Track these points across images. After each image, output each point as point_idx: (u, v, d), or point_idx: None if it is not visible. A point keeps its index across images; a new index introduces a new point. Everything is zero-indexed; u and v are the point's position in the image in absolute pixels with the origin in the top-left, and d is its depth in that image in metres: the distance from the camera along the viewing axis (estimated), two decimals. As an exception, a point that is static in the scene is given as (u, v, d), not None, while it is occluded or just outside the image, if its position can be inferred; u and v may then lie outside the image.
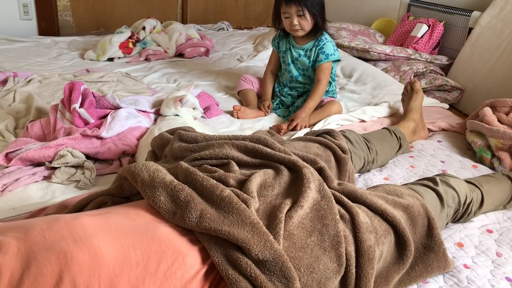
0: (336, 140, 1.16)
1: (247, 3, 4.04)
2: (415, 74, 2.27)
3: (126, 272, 0.59)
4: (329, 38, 1.73)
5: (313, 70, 1.76)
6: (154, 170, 0.77)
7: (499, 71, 2.10)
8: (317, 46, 1.71)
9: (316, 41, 1.72)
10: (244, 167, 0.91)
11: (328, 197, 0.82)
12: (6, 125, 1.42)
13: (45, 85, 1.84)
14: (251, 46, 2.85)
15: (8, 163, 1.19)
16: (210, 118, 1.67)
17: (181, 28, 2.68)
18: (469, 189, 1.07)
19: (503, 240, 1.06)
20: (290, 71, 1.80)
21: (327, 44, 1.71)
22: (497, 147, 1.42)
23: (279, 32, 1.81)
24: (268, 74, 1.89)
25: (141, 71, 2.24)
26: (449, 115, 1.87)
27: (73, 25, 3.28)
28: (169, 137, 1.04)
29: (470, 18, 2.35)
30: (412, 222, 0.90)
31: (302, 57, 1.75)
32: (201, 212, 0.70)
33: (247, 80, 1.90)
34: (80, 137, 1.28)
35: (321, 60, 1.70)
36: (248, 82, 1.89)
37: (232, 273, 0.66)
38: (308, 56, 1.74)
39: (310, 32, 1.70)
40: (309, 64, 1.75)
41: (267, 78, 1.88)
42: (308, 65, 1.76)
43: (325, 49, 1.70)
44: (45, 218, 0.65)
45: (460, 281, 0.91)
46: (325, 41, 1.71)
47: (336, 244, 0.75)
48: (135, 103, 1.53)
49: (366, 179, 1.29)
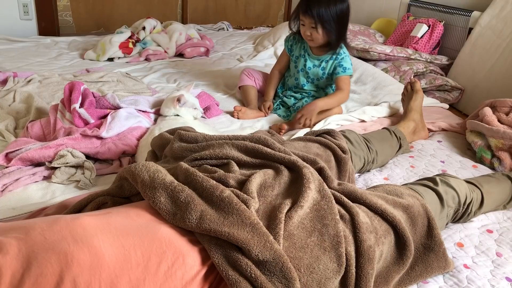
0: (336, 140, 1.16)
1: (247, 3, 4.04)
2: (415, 74, 2.27)
3: (127, 272, 0.60)
4: (347, 52, 1.70)
5: (325, 80, 1.73)
6: (154, 171, 0.77)
7: (499, 71, 2.10)
8: (335, 59, 1.68)
9: (334, 54, 1.68)
10: (244, 167, 0.91)
11: (328, 197, 0.82)
12: (6, 125, 1.42)
13: (45, 85, 1.84)
14: (251, 46, 2.85)
15: (8, 163, 1.19)
16: (210, 118, 1.67)
17: (181, 28, 2.68)
18: (469, 189, 1.07)
19: (503, 240, 1.06)
20: (298, 78, 1.77)
21: (345, 59, 1.67)
22: (497, 147, 1.42)
23: (294, 35, 1.76)
24: (275, 73, 1.85)
25: (141, 71, 2.24)
26: (449, 115, 1.87)
27: (73, 25, 3.28)
28: (169, 137, 1.04)
29: (470, 18, 2.35)
30: (412, 222, 0.90)
31: (316, 67, 1.72)
32: (201, 213, 0.70)
33: (249, 76, 1.87)
34: (80, 137, 1.28)
35: (339, 73, 1.67)
36: (251, 78, 1.86)
37: (232, 274, 0.66)
38: (323, 68, 1.70)
39: (327, 44, 1.66)
40: (322, 76, 1.72)
41: (273, 77, 1.84)
42: (321, 76, 1.72)
43: (343, 63, 1.67)
44: (46, 219, 0.65)
45: (460, 281, 0.91)
46: (343, 55, 1.68)
47: (336, 244, 0.75)
48: (135, 103, 1.53)
49: (366, 179, 1.29)
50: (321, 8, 1.54)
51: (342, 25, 1.61)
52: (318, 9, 1.54)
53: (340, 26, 1.60)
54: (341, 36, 1.64)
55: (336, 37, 1.62)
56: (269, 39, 2.81)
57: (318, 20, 1.55)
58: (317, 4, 1.54)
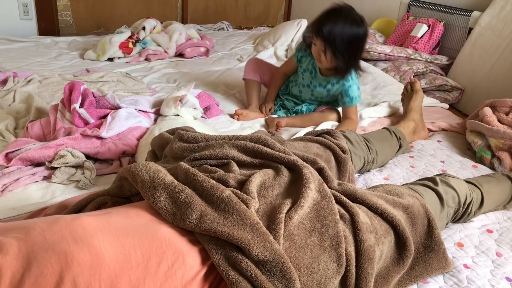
0: (336, 140, 1.16)
1: (247, 3, 4.04)
2: (415, 74, 2.27)
3: (127, 272, 0.60)
4: (356, 80, 1.60)
5: (328, 99, 1.68)
6: (154, 171, 0.77)
7: (499, 71, 2.10)
8: (342, 85, 1.59)
9: (342, 79, 1.59)
10: (244, 167, 0.91)
11: (328, 197, 0.82)
12: (6, 125, 1.42)
13: (45, 85, 1.84)
14: (251, 46, 2.86)
15: (8, 163, 1.19)
16: (210, 118, 1.67)
17: (181, 28, 2.68)
18: (469, 189, 1.07)
19: (503, 240, 1.06)
20: (302, 91, 1.71)
21: (352, 87, 1.59)
22: (497, 147, 1.42)
23: (306, 47, 1.64)
24: (281, 74, 1.79)
25: (141, 71, 2.24)
26: (449, 115, 1.87)
27: (73, 25, 3.28)
28: (169, 137, 1.04)
29: (470, 18, 2.35)
30: (412, 222, 0.90)
31: (322, 88, 1.64)
32: (201, 213, 0.70)
33: (255, 69, 1.80)
34: (80, 137, 1.28)
35: (346, 103, 1.61)
36: (256, 72, 1.81)
37: (232, 274, 0.66)
38: (328, 89, 1.63)
39: (335, 68, 1.55)
40: (326, 96, 1.66)
41: (278, 78, 1.79)
42: (325, 96, 1.66)
43: (350, 92, 1.59)
44: (46, 219, 0.65)
45: (460, 281, 0.91)
46: (351, 83, 1.58)
47: (336, 244, 0.75)
48: (135, 103, 1.53)
49: (366, 179, 1.29)
50: (333, 32, 1.42)
51: (354, 53, 1.49)
52: (330, 33, 1.42)
53: (351, 53, 1.48)
54: (351, 64, 1.52)
55: (346, 65, 1.51)
56: (269, 39, 2.81)
57: (328, 45, 1.45)
58: (331, 27, 1.42)
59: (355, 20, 1.45)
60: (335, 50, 1.45)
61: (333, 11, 1.46)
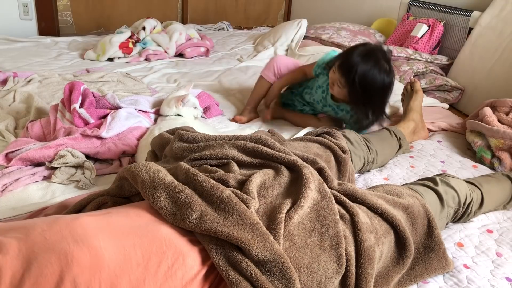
0: (336, 140, 1.16)
1: (247, 3, 4.04)
2: (415, 74, 2.27)
3: (127, 273, 0.60)
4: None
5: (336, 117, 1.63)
6: (154, 171, 0.77)
7: (499, 71, 2.10)
8: (352, 116, 1.52)
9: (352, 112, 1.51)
10: (244, 167, 0.91)
11: (328, 197, 0.82)
12: (6, 125, 1.42)
13: (45, 85, 1.84)
14: (251, 46, 2.85)
15: (8, 163, 1.19)
16: (210, 118, 1.67)
17: (181, 28, 2.68)
18: (469, 189, 1.07)
19: (503, 240, 1.06)
20: (313, 104, 1.66)
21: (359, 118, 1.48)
22: (497, 147, 1.42)
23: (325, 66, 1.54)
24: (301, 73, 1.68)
25: (141, 71, 2.24)
26: (449, 115, 1.87)
27: (73, 25, 3.28)
28: (169, 137, 1.04)
29: (470, 18, 2.35)
30: (412, 222, 0.90)
31: (332, 109, 1.58)
32: (201, 213, 0.70)
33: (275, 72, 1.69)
34: (80, 137, 1.28)
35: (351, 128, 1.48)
36: (275, 76, 1.70)
37: (232, 274, 0.66)
38: (336, 112, 1.58)
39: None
40: (335, 114, 1.60)
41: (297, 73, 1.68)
42: (334, 114, 1.60)
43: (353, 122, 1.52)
44: (46, 219, 0.65)
45: (460, 281, 0.91)
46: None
47: (336, 244, 0.75)
48: (135, 103, 1.53)
49: (366, 179, 1.29)
50: (354, 78, 1.32)
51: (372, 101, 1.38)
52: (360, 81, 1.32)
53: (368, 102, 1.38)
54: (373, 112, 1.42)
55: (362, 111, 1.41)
56: (269, 39, 2.81)
57: (346, 83, 1.36)
58: (364, 72, 1.32)
59: (383, 69, 1.34)
60: (350, 91, 1.38)
61: (364, 53, 1.35)
